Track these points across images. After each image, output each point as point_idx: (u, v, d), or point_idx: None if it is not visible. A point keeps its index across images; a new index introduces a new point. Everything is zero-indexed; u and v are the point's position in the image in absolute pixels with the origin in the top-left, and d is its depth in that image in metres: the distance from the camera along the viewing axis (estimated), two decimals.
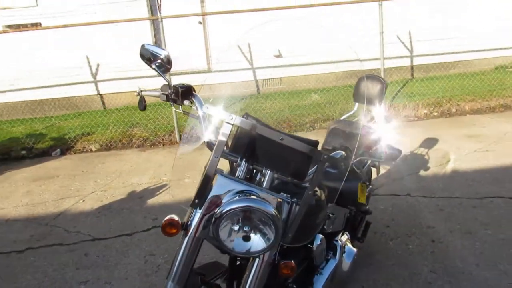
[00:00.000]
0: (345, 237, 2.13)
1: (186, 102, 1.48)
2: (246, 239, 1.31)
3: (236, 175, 1.45)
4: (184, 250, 1.39)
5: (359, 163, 2.27)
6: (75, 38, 7.09)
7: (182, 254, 1.39)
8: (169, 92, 1.49)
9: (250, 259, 1.45)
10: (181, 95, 1.47)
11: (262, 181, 1.46)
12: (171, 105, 1.52)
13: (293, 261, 1.59)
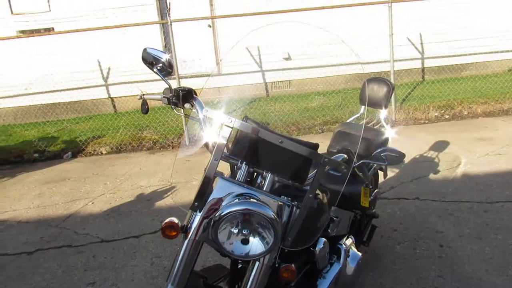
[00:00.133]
0: (349, 240, 2.10)
1: (187, 105, 1.48)
2: (245, 242, 1.30)
3: (236, 178, 1.45)
4: (184, 253, 1.39)
5: (364, 166, 2.25)
6: (87, 43, 7.20)
7: (182, 257, 1.39)
8: (170, 95, 1.50)
9: (250, 262, 1.45)
10: (182, 98, 1.48)
11: (262, 184, 1.46)
12: (172, 108, 1.53)
13: (295, 264, 1.58)
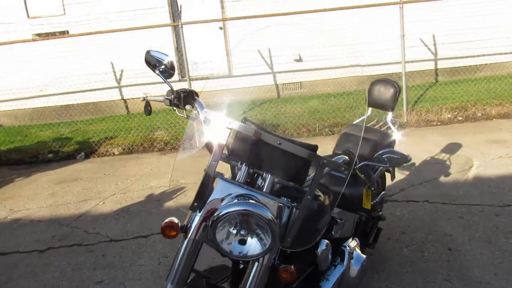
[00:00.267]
0: (354, 243, 2.09)
1: (188, 106, 1.50)
2: (243, 242, 1.32)
3: (236, 179, 1.46)
4: (183, 252, 1.41)
5: (369, 168, 2.24)
6: (100, 45, 7.31)
7: (182, 257, 1.41)
8: (171, 97, 1.52)
9: (250, 262, 1.46)
10: (183, 99, 1.50)
11: (262, 185, 1.47)
12: (173, 109, 1.55)
13: (296, 266, 1.58)
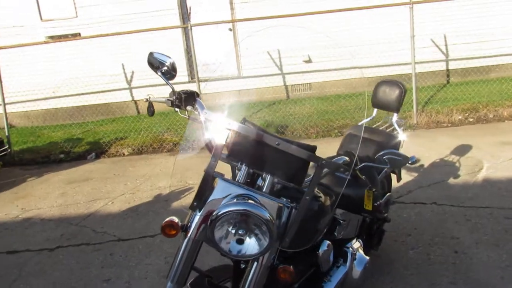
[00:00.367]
0: (357, 244, 2.08)
1: (188, 107, 1.52)
2: (240, 242, 1.33)
3: (236, 180, 1.47)
4: (183, 251, 1.42)
5: (373, 169, 2.23)
6: (111, 47, 7.41)
7: (182, 256, 1.43)
8: (173, 98, 1.54)
9: (249, 262, 1.47)
10: (184, 100, 1.52)
11: (262, 185, 1.48)
12: (175, 110, 1.57)
13: (298, 266, 1.59)
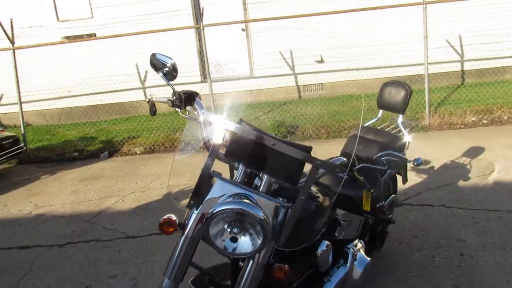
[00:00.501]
0: (358, 245, 2.09)
1: (188, 107, 1.55)
2: (234, 240, 1.35)
3: (234, 179, 1.50)
4: (180, 249, 1.46)
5: (377, 170, 2.23)
6: (125, 47, 7.52)
7: (179, 253, 1.46)
8: (173, 98, 1.58)
9: (245, 260, 1.49)
10: (184, 101, 1.55)
11: (259, 185, 1.50)
12: (176, 110, 1.60)
13: (295, 266, 1.60)
